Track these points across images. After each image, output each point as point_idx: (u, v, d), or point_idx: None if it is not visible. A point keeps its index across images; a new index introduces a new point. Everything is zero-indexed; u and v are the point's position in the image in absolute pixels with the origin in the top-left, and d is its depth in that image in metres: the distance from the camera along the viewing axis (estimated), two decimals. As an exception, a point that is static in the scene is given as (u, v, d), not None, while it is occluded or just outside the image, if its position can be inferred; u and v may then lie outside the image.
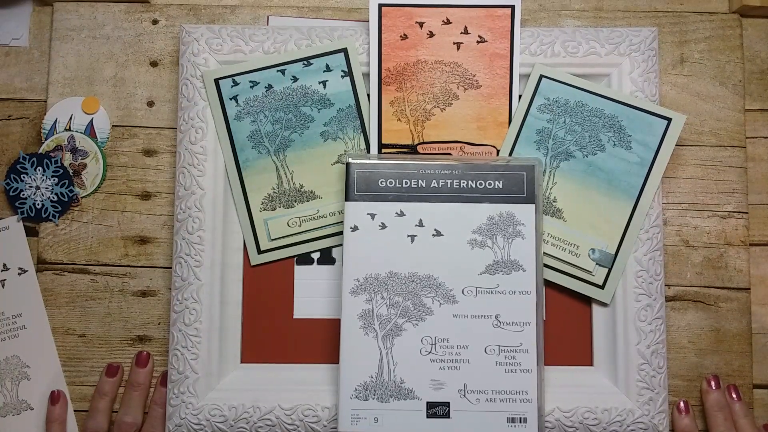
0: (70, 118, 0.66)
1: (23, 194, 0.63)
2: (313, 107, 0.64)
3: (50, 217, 0.64)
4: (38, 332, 0.64)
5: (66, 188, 0.63)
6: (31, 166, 0.63)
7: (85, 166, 0.65)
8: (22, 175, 0.64)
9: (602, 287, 0.62)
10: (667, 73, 0.66)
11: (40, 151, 0.65)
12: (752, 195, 0.66)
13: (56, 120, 0.65)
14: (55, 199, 0.63)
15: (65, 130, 0.65)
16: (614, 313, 0.62)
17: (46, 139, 0.65)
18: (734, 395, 0.62)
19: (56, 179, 0.63)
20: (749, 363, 0.64)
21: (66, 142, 0.65)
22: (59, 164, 0.63)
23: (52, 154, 0.64)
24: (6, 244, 0.65)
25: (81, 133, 0.65)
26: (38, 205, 0.63)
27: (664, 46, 0.66)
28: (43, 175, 0.63)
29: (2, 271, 0.64)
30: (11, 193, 0.64)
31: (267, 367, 0.63)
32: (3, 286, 0.64)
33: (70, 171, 0.64)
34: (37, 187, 0.63)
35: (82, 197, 0.65)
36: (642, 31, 0.64)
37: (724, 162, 0.65)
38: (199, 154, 0.63)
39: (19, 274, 0.64)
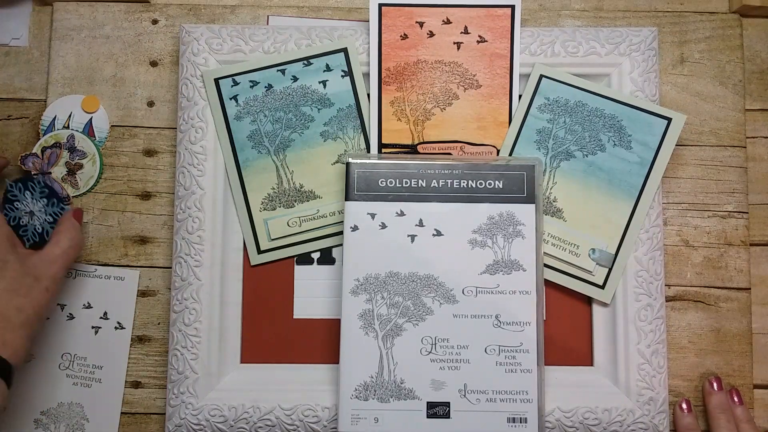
0: (69, 116, 0.65)
1: (22, 221, 0.62)
2: (313, 107, 0.64)
3: None
4: (110, 391, 0.62)
5: (56, 207, 0.62)
6: (20, 192, 0.62)
7: (81, 166, 0.65)
8: (15, 203, 0.62)
9: (602, 287, 0.62)
10: (667, 73, 0.66)
11: (36, 147, 0.64)
12: (752, 195, 0.66)
13: (55, 117, 0.65)
14: (51, 220, 0.62)
15: (64, 127, 0.65)
16: (614, 313, 0.62)
17: (44, 135, 0.65)
18: (736, 399, 0.62)
19: (45, 200, 0.62)
20: (749, 363, 0.64)
21: (65, 141, 0.65)
22: (42, 183, 0.62)
23: (33, 174, 0.63)
24: (115, 294, 0.63)
25: (81, 132, 0.65)
26: (38, 229, 0.62)
27: (664, 46, 0.66)
28: (32, 198, 0.62)
29: (101, 318, 0.63)
30: (11, 223, 0.62)
31: (267, 367, 0.63)
32: (96, 333, 0.63)
33: (66, 170, 0.64)
34: (31, 213, 0.62)
35: (73, 197, 0.64)
36: (642, 31, 0.64)
37: (724, 162, 0.65)
38: (199, 154, 0.63)
39: (116, 328, 0.63)
